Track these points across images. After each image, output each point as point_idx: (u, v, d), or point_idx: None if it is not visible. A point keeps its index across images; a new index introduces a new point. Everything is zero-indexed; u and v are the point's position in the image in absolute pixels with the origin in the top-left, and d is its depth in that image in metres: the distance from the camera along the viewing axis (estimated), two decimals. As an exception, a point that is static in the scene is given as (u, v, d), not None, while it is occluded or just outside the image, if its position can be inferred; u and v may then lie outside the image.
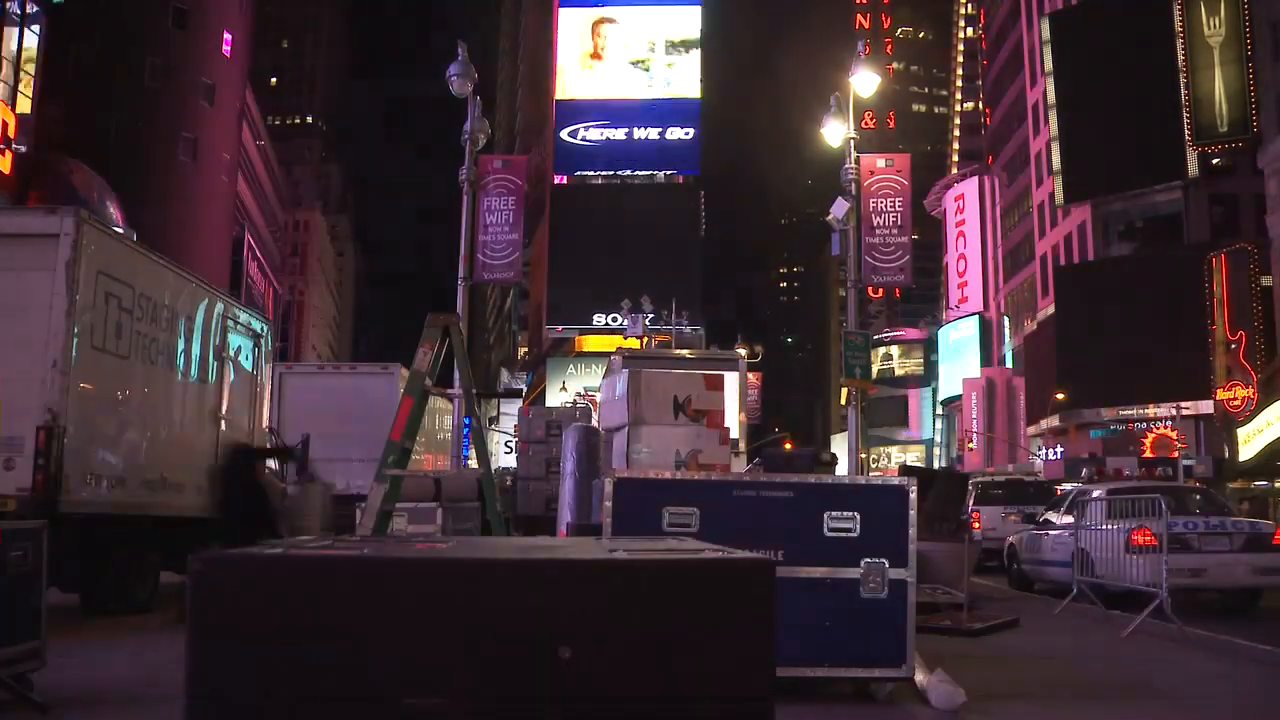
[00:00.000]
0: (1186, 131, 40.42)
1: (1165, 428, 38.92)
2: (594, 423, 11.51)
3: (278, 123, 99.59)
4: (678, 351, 32.69)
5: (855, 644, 5.25)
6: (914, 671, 5.36)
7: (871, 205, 18.07)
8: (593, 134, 63.76)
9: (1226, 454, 35.98)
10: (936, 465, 62.95)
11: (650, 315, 40.79)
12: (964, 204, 68.62)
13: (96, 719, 5.10)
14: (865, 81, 17.66)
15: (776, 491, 5.35)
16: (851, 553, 5.25)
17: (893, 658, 5.27)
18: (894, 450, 77.95)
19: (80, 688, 5.59)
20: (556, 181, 64.75)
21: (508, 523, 10.35)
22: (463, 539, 6.07)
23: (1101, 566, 10.89)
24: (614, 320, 50.36)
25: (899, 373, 79.55)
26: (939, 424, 74.94)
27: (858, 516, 5.29)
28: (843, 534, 5.28)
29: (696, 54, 65.83)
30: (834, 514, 5.28)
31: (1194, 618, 9.34)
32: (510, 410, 52.58)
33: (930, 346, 76.93)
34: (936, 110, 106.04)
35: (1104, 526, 11.23)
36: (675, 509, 5.17)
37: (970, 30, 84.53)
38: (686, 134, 63.85)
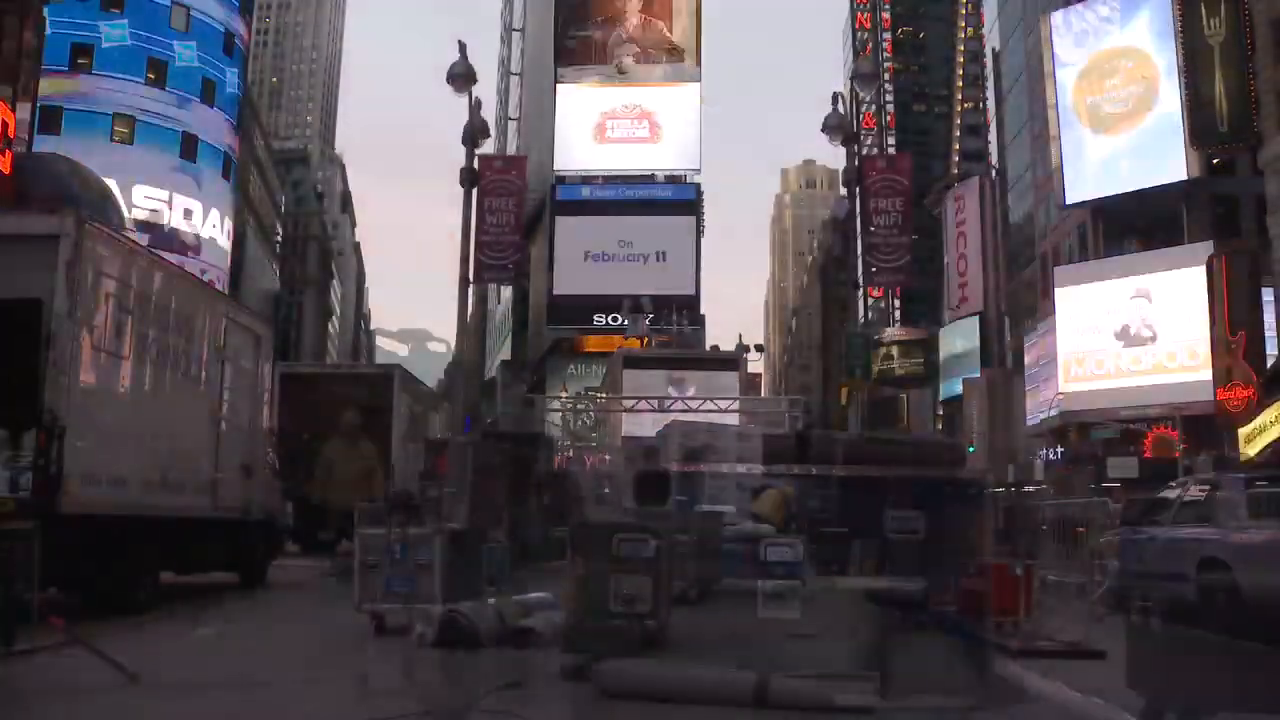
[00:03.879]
0: (1186, 131, 40.37)
1: (1165, 428, 38.88)
2: None
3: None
4: (678, 351, 32.67)
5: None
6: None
7: (872, 205, 18.06)
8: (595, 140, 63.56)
9: (1227, 454, 35.89)
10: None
11: (650, 315, 40.67)
12: (964, 204, 68.46)
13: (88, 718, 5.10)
14: (865, 81, 17.67)
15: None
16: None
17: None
18: (894, 450, 77.64)
19: (77, 687, 5.59)
20: (557, 180, 64.62)
21: None
22: None
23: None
24: (614, 320, 50.19)
25: (899, 373, 79.32)
26: (939, 425, 74.77)
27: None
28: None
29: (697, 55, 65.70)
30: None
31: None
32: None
33: (931, 346, 76.79)
34: (936, 110, 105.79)
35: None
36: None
37: (970, 30, 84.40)
38: (688, 132, 63.65)
